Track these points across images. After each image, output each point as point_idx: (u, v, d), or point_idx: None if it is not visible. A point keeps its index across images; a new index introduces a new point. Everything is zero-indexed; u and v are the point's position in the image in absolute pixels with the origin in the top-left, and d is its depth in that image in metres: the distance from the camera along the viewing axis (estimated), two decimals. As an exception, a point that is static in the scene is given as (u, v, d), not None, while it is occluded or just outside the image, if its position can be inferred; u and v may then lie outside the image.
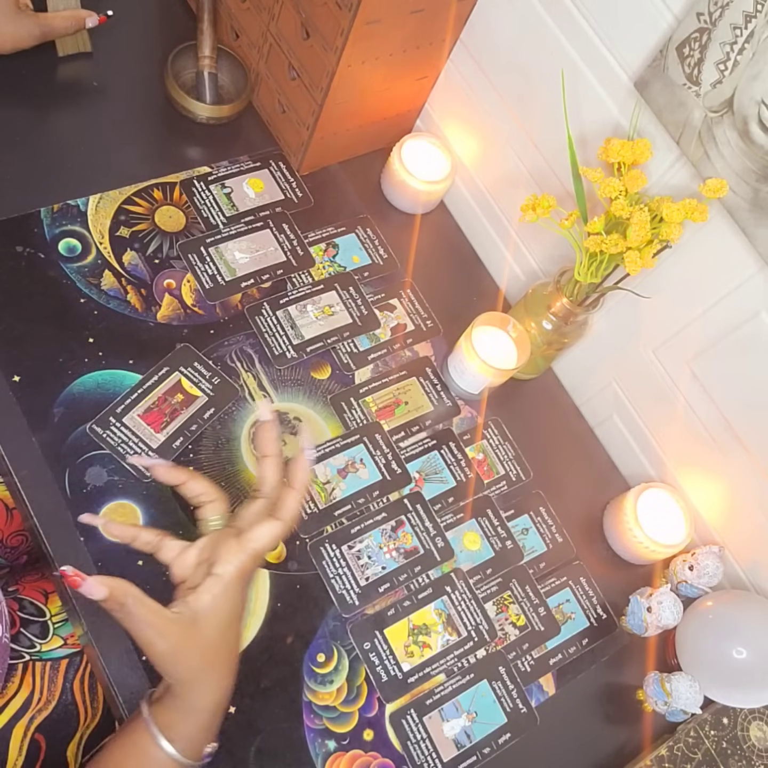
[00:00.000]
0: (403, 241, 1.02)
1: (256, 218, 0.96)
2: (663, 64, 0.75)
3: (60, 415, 0.79)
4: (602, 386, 0.99)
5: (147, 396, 0.83)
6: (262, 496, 0.65)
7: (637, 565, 0.94)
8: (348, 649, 0.80)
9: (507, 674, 0.83)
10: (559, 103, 0.81)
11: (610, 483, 0.99)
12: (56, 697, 0.78)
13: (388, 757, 0.77)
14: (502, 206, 1.02)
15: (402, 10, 0.84)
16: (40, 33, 0.88)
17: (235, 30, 0.99)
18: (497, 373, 0.90)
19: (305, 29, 0.87)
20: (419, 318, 0.98)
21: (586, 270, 0.82)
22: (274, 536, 0.62)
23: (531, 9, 0.86)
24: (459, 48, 0.97)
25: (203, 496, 0.64)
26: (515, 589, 0.87)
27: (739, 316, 0.80)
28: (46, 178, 0.90)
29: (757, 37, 0.67)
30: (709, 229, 0.79)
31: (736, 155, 0.72)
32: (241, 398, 0.86)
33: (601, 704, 0.87)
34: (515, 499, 0.93)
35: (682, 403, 0.90)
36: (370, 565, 0.83)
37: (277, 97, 0.98)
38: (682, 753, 0.84)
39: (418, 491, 0.88)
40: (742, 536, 0.91)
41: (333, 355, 0.92)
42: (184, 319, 0.88)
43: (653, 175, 0.81)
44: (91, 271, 0.87)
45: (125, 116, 0.97)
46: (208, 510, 0.64)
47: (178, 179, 0.95)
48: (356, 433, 0.89)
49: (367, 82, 0.92)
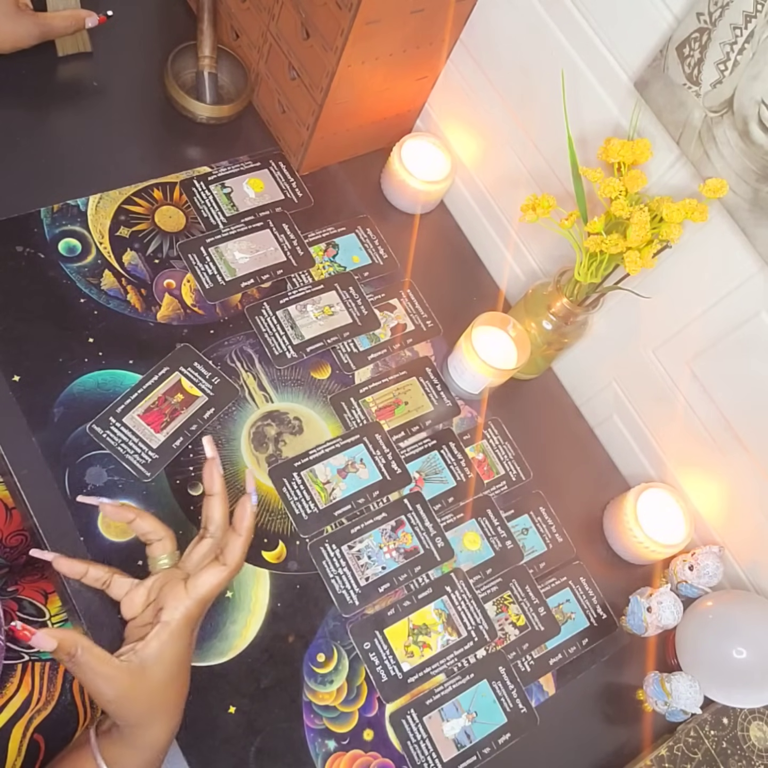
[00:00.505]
0: (403, 241, 1.02)
1: (256, 218, 0.96)
2: (663, 64, 0.75)
3: (60, 415, 0.79)
4: (602, 386, 0.99)
5: (147, 396, 0.83)
6: (209, 536, 0.67)
7: (637, 565, 0.94)
8: (348, 649, 0.80)
9: (507, 674, 0.83)
10: (559, 103, 0.81)
11: (610, 483, 0.99)
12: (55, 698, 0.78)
13: (388, 757, 0.77)
14: (502, 206, 1.02)
15: (402, 10, 0.84)
16: (40, 33, 0.88)
17: (235, 30, 0.99)
18: (497, 373, 0.90)
19: (305, 29, 0.87)
20: (419, 318, 0.98)
21: (586, 270, 0.82)
22: (219, 583, 0.65)
23: (531, 9, 0.86)
24: (459, 48, 0.97)
25: (151, 535, 0.67)
26: (515, 589, 0.87)
27: (739, 316, 0.80)
28: (46, 178, 0.90)
29: (757, 37, 0.67)
30: (709, 229, 0.79)
31: (736, 155, 0.72)
32: (241, 398, 0.86)
33: (601, 704, 0.87)
34: (515, 499, 0.93)
35: (682, 403, 0.90)
36: (370, 565, 0.83)
37: (277, 97, 0.98)
38: (682, 753, 0.83)
39: (418, 491, 0.88)
40: (742, 536, 0.91)
41: (333, 355, 0.92)
42: (184, 319, 0.88)
43: (653, 175, 0.81)
44: (91, 271, 0.87)
45: (125, 116, 0.97)
46: (155, 548, 0.67)
47: (178, 179, 0.95)
48: (356, 433, 0.89)
49: (367, 82, 0.92)
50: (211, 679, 0.75)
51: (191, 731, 0.72)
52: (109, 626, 0.73)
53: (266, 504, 0.83)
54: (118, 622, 0.73)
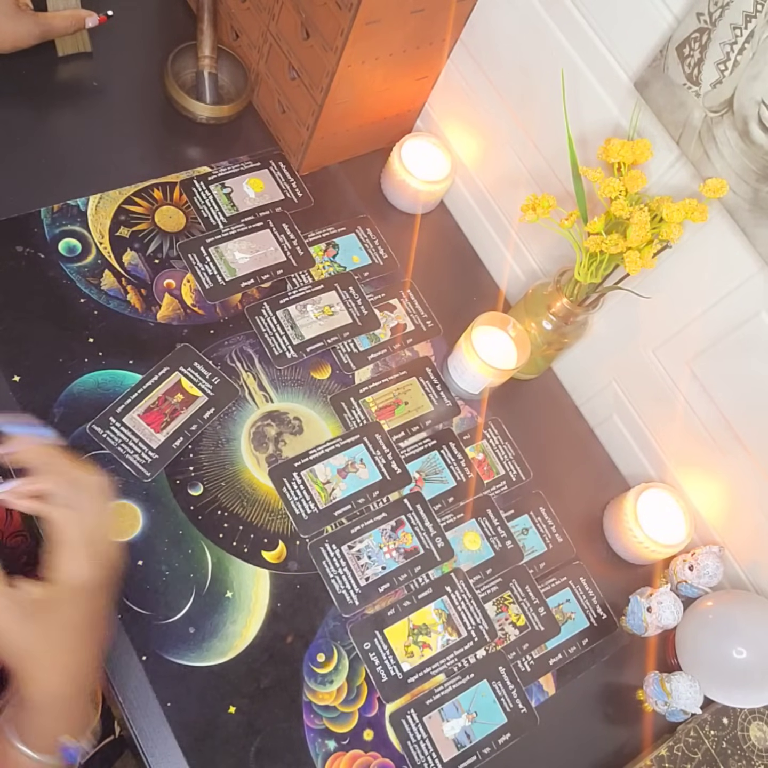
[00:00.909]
0: (403, 241, 1.02)
1: (256, 218, 0.96)
2: (663, 64, 0.75)
3: (60, 415, 0.79)
4: (602, 386, 0.99)
5: (147, 396, 0.83)
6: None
7: (637, 565, 0.94)
8: (348, 649, 0.80)
9: (507, 674, 0.83)
10: (559, 103, 0.81)
11: (610, 483, 0.99)
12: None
13: (388, 757, 0.77)
14: (502, 206, 1.02)
15: (402, 10, 0.84)
16: (40, 32, 0.88)
17: (235, 30, 0.99)
18: (497, 373, 0.90)
19: (305, 29, 0.87)
20: (419, 318, 0.98)
21: (586, 270, 0.82)
22: None
23: (531, 9, 0.86)
24: (459, 48, 0.97)
25: None
26: (515, 589, 0.87)
27: (739, 316, 0.80)
28: (46, 178, 0.90)
29: (757, 37, 0.67)
30: (709, 229, 0.79)
31: (736, 155, 0.72)
32: (241, 398, 0.86)
33: (601, 704, 0.87)
34: (515, 499, 0.93)
35: (682, 403, 0.90)
36: (370, 565, 0.83)
37: (277, 97, 0.98)
38: (682, 753, 0.83)
39: (418, 491, 0.88)
40: (742, 536, 0.91)
41: (333, 355, 0.92)
42: (184, 319, 0.88)
43: (653, 175, 0.81)
44: (91, 271, 0.87)
45: (125, 116, 0.97)
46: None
47: (178, 179, 0.95)
48: (356, 433, 0.89)
49: (367, 82, 0.92)
50: (211, 679, 0.75)
51: (191, 731, 0.72)
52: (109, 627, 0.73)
53: (266, 504, 0.83)
54: (118, 621, 0.73)
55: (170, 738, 0.71)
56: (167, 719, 0.72)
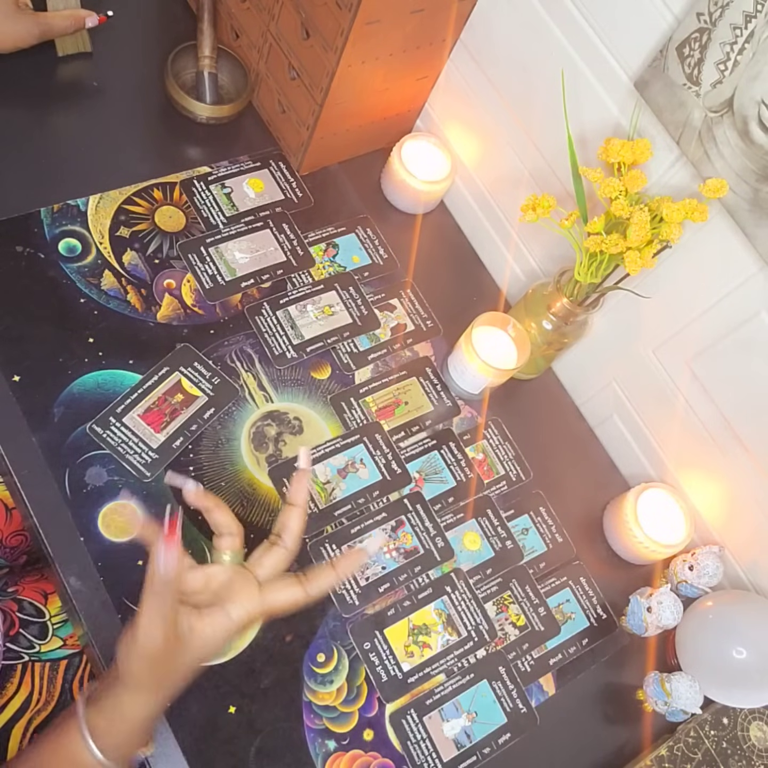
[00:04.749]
0: (403, 241, 1.02)
1: (256, 218, 0.96)
2: (663, 64, 0.75)
3: (60, 415, 0.79)
4: (602, 386, 0.99)
5: (147, 396, 0.83)
6: (281, 545, 0.65)
7: (637, 565, 0.94)
8: (348, 649, 0.80)
9: (507, 674, 0.83)
10: (559, 103, 0.81)
11: (610, 483, 0.99)
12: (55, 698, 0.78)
13: (388, 757, 0.77)
14: (502, 206, 1.02)
15: (402, 10, 0.84)
16: (40, 32, 0.88)
17: (235, 30, 0.99)
18: (497, 373, 0.90)
19: (305, 29, 0.87)
20: (419, 318, 0.98)
21: (586, 270, 0.82)
22: (294, 605, 0.63)
23: (531, 9, 0.86)
24: (459, 48, 0.97)
25: (224, 528, 0.64)
26: (515, 589, 0.87)
27: (739, 316, 0.80)
28: (46, 178, 0.90)
29: (757, 37, 0.67)
30: (709, 229, 0.79)
31: (736, 155, 0.72)
32: (241, 398, 0.86)
33: (601, 704, 0.87)
34: (515, 499, 0.93)
35: (682, 403, 0.90)
36: (370, 565, 0.83)
37: (277, 97, 0.98)
38: (682, 753, 0.83)
39: (418, 491, 0.88)
40: (742, 536, 0.91)
41: (333, 355, 0.92)
42: (184, 319, 0.88)
43: (653, 175, 0.81)
44: (91, 271, 0.87)
45: (125, 116, 0.97)
46: (224, 542, 0.64)
47: (178, 179, 0.95)
48: (356, 433, 0.89)
49: (367, 82, 0.92)
50: (211, 679, 0.75)
51: (191, 731, 0.72)
52: (109, 627, 0.73)
53: (266, 504, 0.83)
54: (118, 622, 0.73)
55: (170, 738, 0.71)
56: (167, 719, 0.72)
